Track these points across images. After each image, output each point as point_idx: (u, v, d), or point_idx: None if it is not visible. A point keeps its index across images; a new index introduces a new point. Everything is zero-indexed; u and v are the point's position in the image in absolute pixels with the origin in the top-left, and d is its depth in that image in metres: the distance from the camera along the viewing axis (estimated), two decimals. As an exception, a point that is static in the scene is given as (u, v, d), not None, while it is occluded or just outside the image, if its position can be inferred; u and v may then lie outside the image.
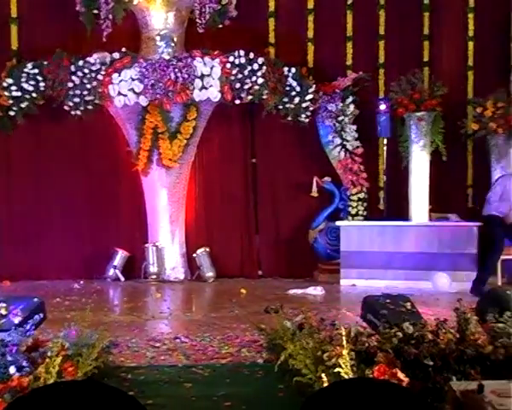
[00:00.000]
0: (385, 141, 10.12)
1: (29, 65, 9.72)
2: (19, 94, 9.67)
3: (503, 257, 9.14)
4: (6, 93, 9.68)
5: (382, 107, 9.77)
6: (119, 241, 10.47)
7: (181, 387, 4.62)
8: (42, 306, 5.20)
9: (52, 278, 9.94)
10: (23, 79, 9.67)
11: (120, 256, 10.27)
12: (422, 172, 9.78)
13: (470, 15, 10.54)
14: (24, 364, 3.87)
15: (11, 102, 9.71)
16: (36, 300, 5.24)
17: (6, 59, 9.98)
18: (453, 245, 9.26)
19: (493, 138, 9.71)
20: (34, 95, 9.71)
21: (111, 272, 10.21)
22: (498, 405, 2.79)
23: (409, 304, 5.08)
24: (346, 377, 3.72)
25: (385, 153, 10.19)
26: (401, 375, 3.61)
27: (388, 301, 5.11)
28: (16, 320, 4.73)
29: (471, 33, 10.55)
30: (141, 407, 2.47)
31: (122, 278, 10.19)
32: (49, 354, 4.00)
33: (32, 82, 9.68)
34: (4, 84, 9.68)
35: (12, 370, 3.79)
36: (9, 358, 3.89)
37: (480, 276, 8.69)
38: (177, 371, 5.00)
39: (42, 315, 4.93)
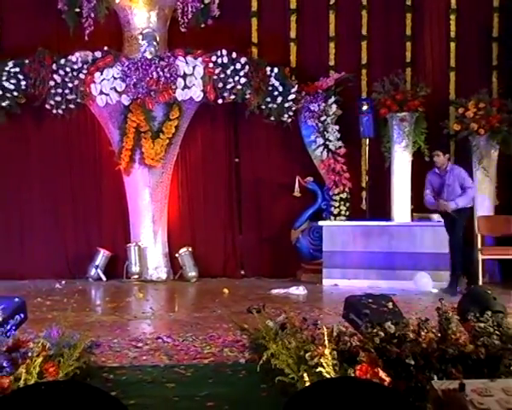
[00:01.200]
0: (367, 141, 10.15)
1: (10, 63, 9.64)
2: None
3: (483, 257, 9.23)
4: (-14, 92, 9.61)
5: (365, 107, 9.80)
6: (102, 240, 10.43)
7: (163, 387, 4.60)
8: (23, 306, 5.14)
9: (34, 278, 9.87)
10: (4, 78, 9.60)
11: (102, 256, 10.22)
12: (404, 172, 9.82)
13: (452, 17, 10.61)
14: (4, 364, 3.83)
15: (-8, 100, 9.65)
16: (17, 300, 5.17)
17: (-13, 57, 9.91)
18: (435, 245, 9.29)
19: (475, 139, 9.77)
20: (15, 93, 9.64)
21: (93, 271, 10.16)
22: (479, 403, 2.81)
23: (391, 304, 5.09)
24: (328, 376, 3.73)
25: (367, 153, 10.22)
26: (383, 374, 3.62)
27: (370, 300, 5.10)
28: (-3, 320, 4.68)
29: (453, 34, 10.63)
30: (123, 407, 2.46)
31: (104, 278, 10.14)
32: (30, 354, 3.97)
33: (13, 80, 9.61)
34: (-15, 83, 9.62)
35: (-8, 370, 3.76)
36: (-10, 358, 3.86)
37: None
38: (160, 372, 4.99)
39: (23, 315, 4.88)
